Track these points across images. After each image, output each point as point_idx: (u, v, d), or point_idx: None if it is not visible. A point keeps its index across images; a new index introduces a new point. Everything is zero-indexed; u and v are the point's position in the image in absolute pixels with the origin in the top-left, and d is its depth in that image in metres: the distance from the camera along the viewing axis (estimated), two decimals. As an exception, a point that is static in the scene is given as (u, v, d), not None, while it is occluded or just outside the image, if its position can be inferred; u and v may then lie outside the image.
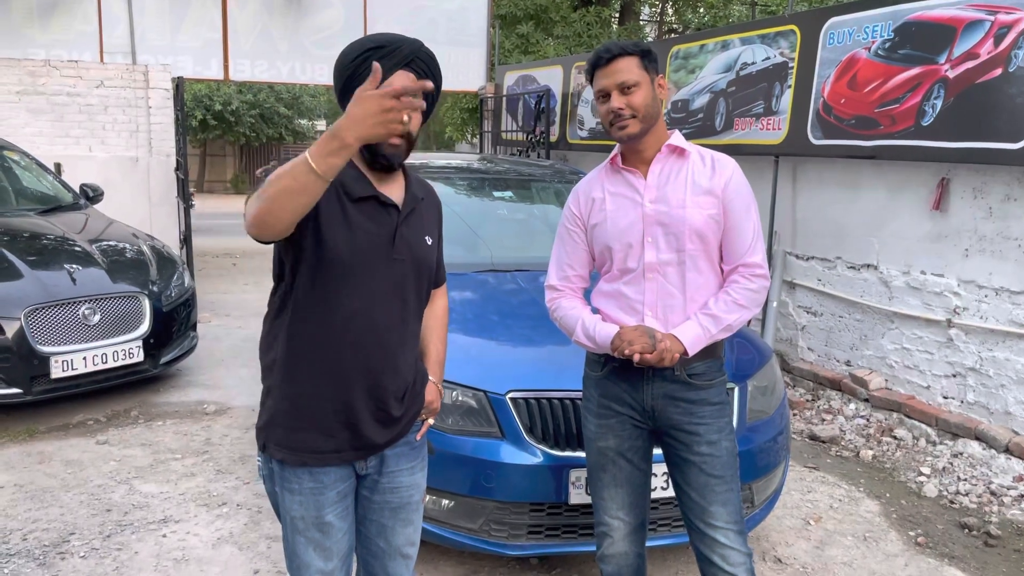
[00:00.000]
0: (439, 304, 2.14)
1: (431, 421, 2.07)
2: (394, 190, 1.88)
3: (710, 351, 2.26)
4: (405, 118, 1.42)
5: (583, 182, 2.41)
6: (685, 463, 2.28)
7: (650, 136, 2.24)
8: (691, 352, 2.19)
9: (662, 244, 2.22)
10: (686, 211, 2.19)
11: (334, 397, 1.82)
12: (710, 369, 2.28)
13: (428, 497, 2.82)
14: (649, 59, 2.22)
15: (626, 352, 2.15)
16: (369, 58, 1.73)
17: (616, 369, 2.30)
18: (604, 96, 2.22)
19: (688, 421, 2.25)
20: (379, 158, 1.80)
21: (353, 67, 1.77)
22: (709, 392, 2.27)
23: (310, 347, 1.80)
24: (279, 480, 1.87)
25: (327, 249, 1.75)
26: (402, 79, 1.73)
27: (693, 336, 2.20)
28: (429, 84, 1.49)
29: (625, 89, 2.17)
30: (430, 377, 2.05)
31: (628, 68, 2.18)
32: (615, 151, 2.33)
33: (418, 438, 2.02)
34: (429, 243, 1.95)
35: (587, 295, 2.43)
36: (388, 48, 1.76)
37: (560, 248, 2.43)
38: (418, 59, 1.78)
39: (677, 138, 2.29)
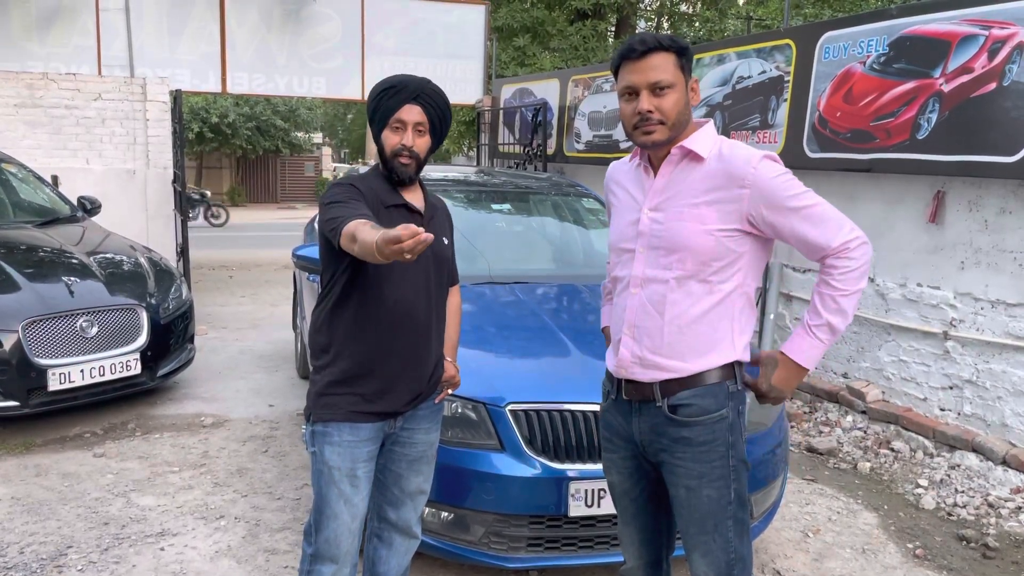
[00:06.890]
0: (453, 300, 2.56)
1: (450, 391, 2.51)
2: (416, 200, 2.34)
3: (698, 379, 1.98)
4: (407, 256, 1.66)
5: (615, 163, 2.21)
6: (671, 499, 2.08)
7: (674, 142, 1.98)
8: (809, 368, 1.98)
9: (651, 258, 1.99)
10: (682, 225, 1.94)
11: (377, 369, 2.23)
12: (696, 401, 1.98)
13: (427, 509, 2.82)
14: (687, 58, 1.94)
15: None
16: (384, 96, 2.19)
17: (613, 401, 2.13)
18: (631, 94, 1.94)
19: (668, 459, 2.02)
20: (393, 174, 2.24)
21: (375, 103, 2.22)
22: (692, 430, 1.97)
23: (357, 329, 2.21)
24: (321, 438, 2.24)
25: None
26: (408, 112, 2.18)
27: (807, 349, 1.96)
28: (423, 234, 1.64)
29: (657, 90, 1.90)
30: (446, 357, 2.47)
31: (663, 66, 1.90)
32: None
33: (436, 401, 2.44)
34: (445, 243, 2.40)
35: None
36: (398, 87, 2.19)
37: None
38: (423, 94, 2.20)
39: (696, 139, 1.97)
